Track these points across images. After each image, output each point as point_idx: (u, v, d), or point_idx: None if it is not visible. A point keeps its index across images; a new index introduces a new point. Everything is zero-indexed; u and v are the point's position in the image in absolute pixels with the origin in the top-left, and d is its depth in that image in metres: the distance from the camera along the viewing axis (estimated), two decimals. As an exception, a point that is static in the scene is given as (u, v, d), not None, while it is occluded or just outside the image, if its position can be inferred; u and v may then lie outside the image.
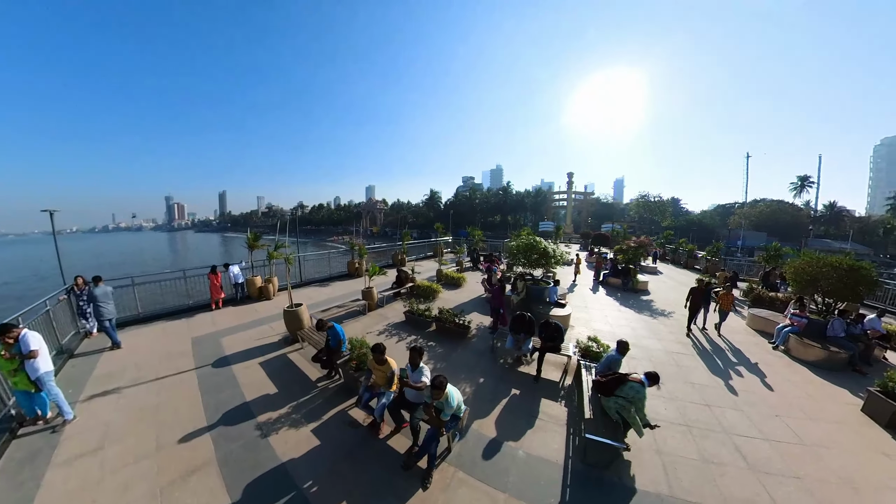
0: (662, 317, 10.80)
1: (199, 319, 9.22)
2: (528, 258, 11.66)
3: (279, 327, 8.53)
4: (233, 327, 8.65)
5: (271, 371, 6.54)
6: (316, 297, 11.55)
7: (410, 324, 9.04)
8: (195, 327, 8.63)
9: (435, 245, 23.09)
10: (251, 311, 9.95)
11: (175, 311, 9.61)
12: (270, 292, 11.10)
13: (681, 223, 62.14)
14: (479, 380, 6.33)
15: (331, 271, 14.69)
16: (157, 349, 7.30)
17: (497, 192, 75.97)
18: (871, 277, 8.41)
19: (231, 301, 10.64)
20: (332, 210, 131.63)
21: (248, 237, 11.25)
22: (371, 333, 8.47)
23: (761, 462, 4.50)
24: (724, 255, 24.68)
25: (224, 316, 9.53)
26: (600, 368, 5.48)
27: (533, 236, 12.84)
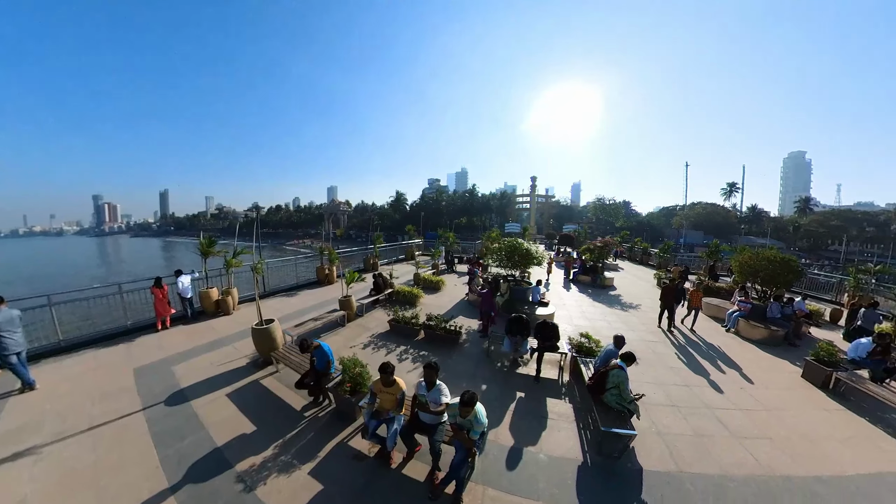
0: (632, 309, 11.55)
1: (143, 344, 7.69)
2: (511, 259, 11.63)
3: (245, 347, 7.38)
4: (187, 351, 7.27)
5: (244, 403, 5.45)
6: (284, 308, 10.31)
7: (396, 333, 8.35)
8: (138, 354, 7.14)
9: (407, 248, 22.33)
10: (208, 330, 8.54)
11: (110, 334, 7.94)
12: (230, 306, 9.70)
13: (632, 224, 66.63)
14: (482, 387, 6.07)
15: (298, 279, 13.36)
16: (87, 387, 5.83)
17: (463, 194, 76.37)
18: (798, 268, 10.20)
19: (181, 319, 9.09)
20: (291, 212, 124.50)
21: (200, 242, 9.70)
22: (354, 347, 7.68)
23: (740, 429, 5.16)
24: (673, 252, 27.26)
25: (174, 337, 8.05)
26: (599, 363, 5.69)
27: (514, 238, 12.95)
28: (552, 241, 43.48)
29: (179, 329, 8.58)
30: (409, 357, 7.21)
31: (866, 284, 12.09)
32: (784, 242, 62.84)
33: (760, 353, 8.16)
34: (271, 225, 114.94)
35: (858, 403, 5.88)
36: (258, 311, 6.83)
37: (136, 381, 6.02)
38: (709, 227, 67.17)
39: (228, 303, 9.63)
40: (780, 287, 10.31)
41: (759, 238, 59.12)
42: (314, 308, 10.45)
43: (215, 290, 9.63)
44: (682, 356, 7.82)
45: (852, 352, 6.76)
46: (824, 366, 6.46)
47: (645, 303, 12.33)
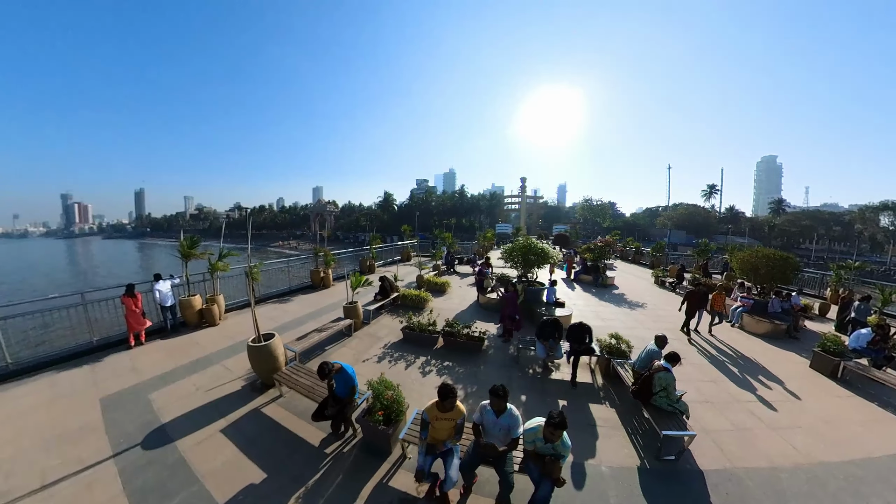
0: (640, 308, 11.41)
1: (112, 365, 6.45)
2: (526, 259, 11.12)
3: (238, 366, 6.31)
4: (166, 374, 6.10)
5: (245, 441, 4.41)
6: (280, 317, 9.21)
7: (411, 342, 7.54)
8: (105, 379, 5.92)
9: (403, 248, 21.36)
10: (191, 346, 7.35)
11: (70, 354, 6.66)
12: (215, 316, 8.50)
13: (619, 224, 67.53)
14: (522, 397, 5.62)
15: (290, 283, 12.19)
16: (40, 427, 4.63)
17: (453, 194, 75.57)
18: (797, 265, 10.66)
19: (159, 332, 7.86)
20: (275, 212, 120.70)
21: (181, 243, 8.44)
22: (368, 361, 6.78)
23: (772, 420, 5.21)
24: (665, 251, 27.80)
25: (150, 356, 6.84)
26: (640, 364, 5.47)
27: (528, 237, 12.60)
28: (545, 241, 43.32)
29: (156, 345, 7.36)
30: (433, 369, 6.44)
31: (847, 280, 12.72)
32: (760, 241, 65.17)
33: (767, 346, 8.27)
34: (255, 226, 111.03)
35: (865, 390, 6.14)
36: (255, 324, 5.72)
37: (103, 416, 4.85)
38: (691, 227, 68.85)
39: (214, 312, 8.45)
40: (781, 283, 10.71)
41: (737, 237, 61.03)
42: (313, 316, 9.39)
43: (198, 298, 8.42)
44: (700, 353, 7.77)
45: (853, 342, 7.05)
46: (832, 356, 6.71)
47: (650, 301, 12.28)
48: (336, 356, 7.04)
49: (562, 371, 6.43)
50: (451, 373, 6.29)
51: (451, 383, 3.55)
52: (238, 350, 7.03)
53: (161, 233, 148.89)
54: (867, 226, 61.59)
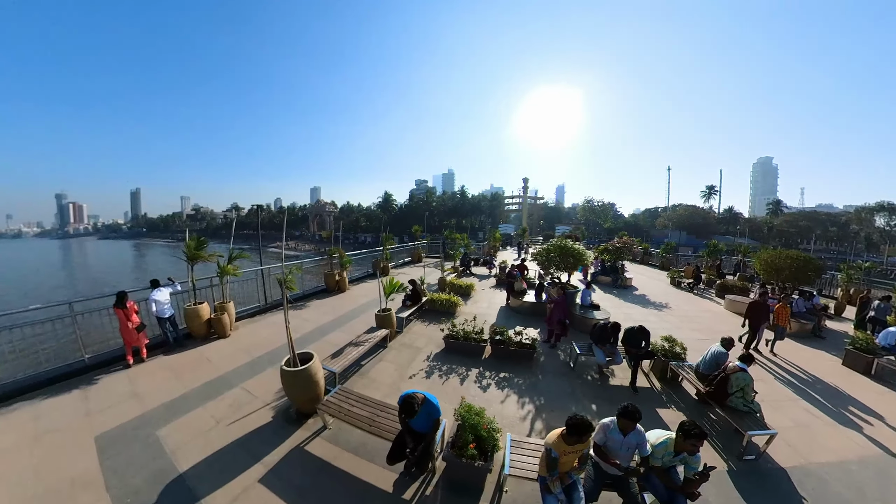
0: (666, 309, 11.19)
1: (108, 390, 5.38)
2: (564, 262, 10.71)
3: (262, 388, 5.36)
4: (175, 401, 5.05)
5: (296, 494, 3.44)
6: (298, 326, 8.18)
7: (455, 352, 6.82)
8: (101, 408, 4.87)
9: (413, 249, 20.40)
10: (200, 363, 6.31)
11: (58, 376, 5.58)
12: (226, 326, 7.46)
13: (620, 225, 67.02)
14: (592, 406, 5.30)
15: (304, 287, 11.16)
16: (17, 477, 3.60)
17: (454, 195, 74.62)
18: (819, 266, 10.80)
19: (162, 345, 6.82)
20: (273, 213, 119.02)
21: (186, 244, 7.37)
22: (415, 377, 5.94)
23: (826, 415, 5.25)
24: (676, 253, 27.44)
25: (153, 376, 5.79)
26: (706, 367, 5.34)
27: (562, 238, 12.11)
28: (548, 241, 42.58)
29: (159, 363, 6.31)
30: (490, 382, 5.80)
31: (858, 280, 12.96)
32: (759, 242, 65.06)
33: (797, 345, 8.21)
34: (252, 226, 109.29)
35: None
36: (290, 345, 4.69)
37: (101, 463, 3.82)
38: (690, 227, 68.58)
39: (224, 322, 7.40)
40: (803, 284, 10.93)
41: (737, 238, 60.82)
42: (335, 325, 8.41)
43: (206, 307, 7.37)
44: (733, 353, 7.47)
45: (884, 339, 7.15)
46: (865, 353, 6.84)
47: (673, 302, 12.11)
48: (377, 373, 6.13)
49: (618, 377, 6.18)
50: (511, 385, 5.71)
51: (583, 416, 3.01)
52: (258, 368, 6.04)
53: (157, 233, 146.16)
54: (863, 226, 61.81)
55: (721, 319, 10.25)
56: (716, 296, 13.11)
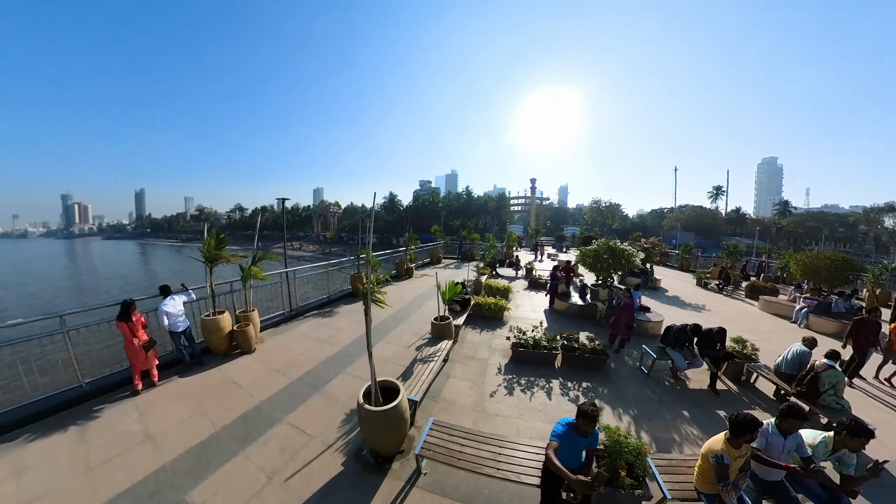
0: (705, 311, 10.81)
1: (113, 425, 4.19)
2: (616, 263, 10.01)
3: (314, 423, 4.21)
4: (203, 446, 3.83)
5: None
6: (334, 337, 7.01)
7: (523, 361, 6.16)
8: (106, 460, 3.65)
9: (432, 250, 19.23)
10: (226, 388, 5.09)
11: (49, 408, 4.38)
12: (251, 339, 6.24)
13: (627, 225, 65.79)
14: (684, 413, 4.90)
15: (329, 292, 9.93)
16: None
17: (460, 195, 73.35)
18: (857, 266, 11.02)
19: (174, 364, 5.60)
20: (277, 213, 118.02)
21: (205, 242, 6.09)
22: (497, 394, 5.08)
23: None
24: (698, 254, 26.80)
25: (169, 408, 4.57)
26: (789, 367, 5.20)
27: (609, 239, 11.10)
28: (562, 242, 41.45)
29: (175, 387, 5.09)
30: (577, 393, 5.24)
31: (884, 280, 12.88)
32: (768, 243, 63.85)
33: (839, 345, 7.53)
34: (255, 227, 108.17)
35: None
36: (373, 377, 3.56)
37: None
38: (698, 228, 67.40)
39: (249, 334, 6.17)
40: (841, 284, 10.83)
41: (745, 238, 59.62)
42: (375, 334, 7.09)
43: (227, 316, 6.13)
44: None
45: None
46: None
47: (708, 303, 11.81)
48: (451, 393, 5.10)
49: (692, 380, 5.89)
50: (598, 395, 5.27)
51: (746, 413, 2.76)
52: (301, 395, 4.88)
53: (161, 233, 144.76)
54: (872, 227, 60.61)
55: (761, 320, 10.09)
56: (746, 297, 12.93)
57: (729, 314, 10.39)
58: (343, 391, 5.06)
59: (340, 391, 5.07)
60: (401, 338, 7.13)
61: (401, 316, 8.58)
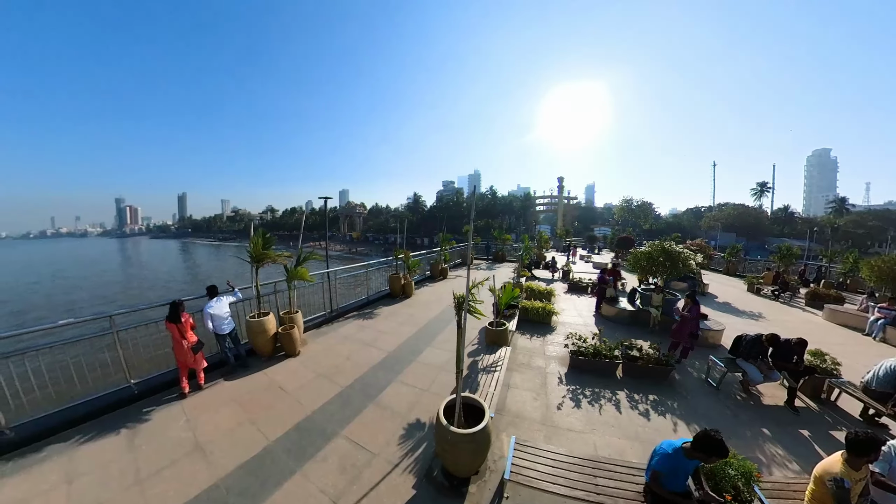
0: (762, 319, 9.81)
1: (161, 430, 3.94)
2: (674, 267, 9.14)
3: (376, 437, 3.79)
4: (256, 461, 3.48)
5: None
6: (380, 340, 6.61)
7: (583, 371, 5.66)
8: (155, 472, 3.37)
9: (463, 251, 18.63)
10: (273, 393, 4.75)
11: (98, 409, 4.20)
12: (296, 342, 5.91)
13: (661, 225, 62.26)
14: (764, 431, 4.35)
15: (368, 292, 9.58)
16: None
17: (484, 195, 72.41)
18: None
19: (219, 366, 5.35)
20: (306, 214, 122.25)
21: (252, 241, 5.79)
22: (564, 407, 4.72)
23: None
24: (745, 256, 24.51)
25: (216, 415, 4.27)
26: (881, 384, 4.63)
27: (663, 240, 10.22)
28: (593, 243, 39.64)
29: (220, 391, 4.81)
30: (647, 407, 4.74)
31: None
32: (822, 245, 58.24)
33: None
34: (286, 227, 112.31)
35: None
36: (458, 389, 3.25)
37: None
38: (740, 228, 62.65)
39: (294, 337, 5.84)
40: None
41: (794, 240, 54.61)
42: (421, 338, 6.78)
43: (272, 318, 5.84)
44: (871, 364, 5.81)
45: None
46: None
47: (763, 311, 10.63)
48: (515, 405, 4.68)
49: (765, 394, 5.36)
50: (669, 410, 4.74)
51: (867, 430, 2.45)
52: (355, 405, 4.46)
53: (201, 233, 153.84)
54: (949, 228, 53.77)
55: (828, 332, 9.01)
56: (806, 305, 11.74)
57: (791, 324, 9.43)
58: (398, 402, 4.60)
59: (395, 401, 4.60)
60: (450, 342, 6.59)
61: (443, 319, 8.07)
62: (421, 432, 4.01)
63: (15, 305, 28.04)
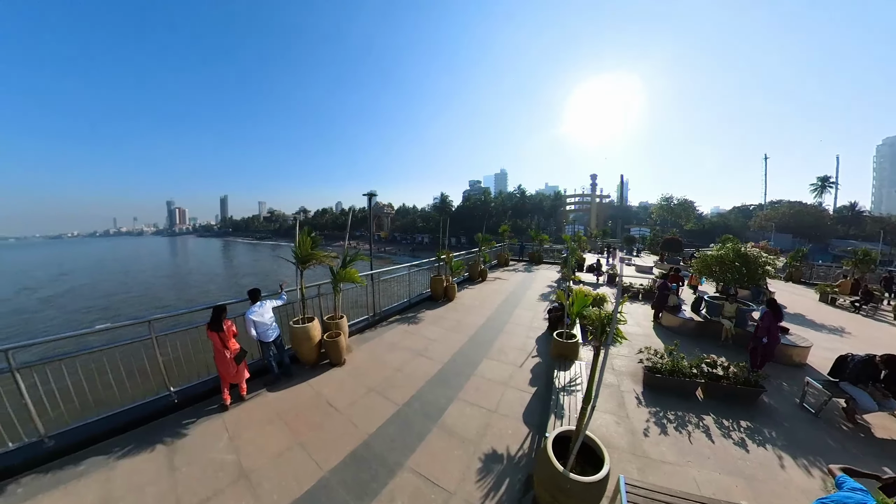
0: (846, 335, 8.30)
1: (201, 454, 3.45)
2: (751, 273, 8.10)
3: (447, 471, 3.11)
4: (310, 495, 2.90)
5: None
6: (430, 350, 5.92)
7: (658, 390, 4.89)
8: (196, 498, 2.89)
9: (499, 252, 17.74)
10: (321, 410, 4.18)
11: (137, 419, 3.84)
12: (342, 350, 5.34)
13: (705, 226, 57.68)
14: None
15: (410, 295, 8.96)
16: None
17: (512, 195, 70.64)
18: None
19: (261, 373, 4.87)
20: (336, 214, 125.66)
21: (298, 243, 5.19)
22: (650, 433, 4.00)
23: None
24: (816, 261, 21.67)
25: (260, 434, 3.75)
26: None
27: (736, 242, 9.11)
28: (632, 244, 37.24)
29: (264, 405, 4.30)
30: (743, 436, 3.99)
31: None
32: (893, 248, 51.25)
33: None
34: (318, 227, 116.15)
35: None
36: (585, 425, 2.76)
37: None
38: (797, 229, 56.66)
39: (340, 346, 5.28)
40: None
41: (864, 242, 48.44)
42: (475, 349, 6.04)
43: (317, 325, 5.30)
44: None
45: None
46: None
47: (845, 325, 8.97)
48: (595, 427, 3.74)
49: (874, 424, 4.42)
50: (764, 437, 4.00)
51: None
52: (417, 429, 3.82)
53: (240, 232, 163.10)
54: None
55: None
56: (895, 319, 10.00)
57: (884, 341, 8.06)
58: (465, 425, 3.90)
59: (462, 425, 3.90)
60: (506, 354, 5.82)
61: (494, 326, 7.29)
62: (499, 465, 3.30)
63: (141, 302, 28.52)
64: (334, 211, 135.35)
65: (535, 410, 4.30)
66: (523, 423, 4.04)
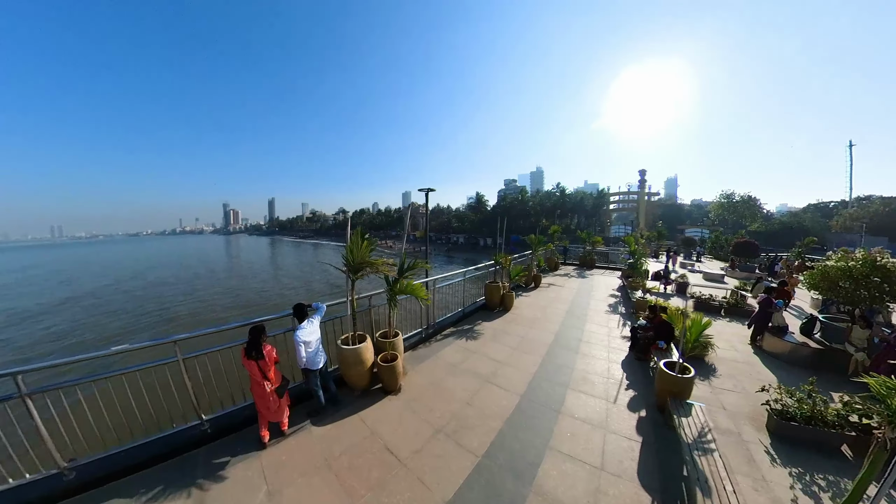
0: None
1: (233, 499, 2.66)
2: (893, 290, 6.12)
3: None
4: None
5: None
6: (503, 377, 4.81)
7: (789, 440, 3.66)
8: None
9: (549, 255, 16.19)
10: (377, 459, 3.24)
11: (164, 453, 3.19)
12: (398, 375, 4.41)
13: (774, 227, 50.86)
14: None
15: (464, 304, 7.92)
16: None
17: (551, 193, 67.41)
18: None
19: (303, 400, 4.08)
20: (373, 215, 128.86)
21: (350, 244, 4.28)
22: None
23: None
24: None
25: (306, 489, 2.88)
26: None
27: (865, 253, 6.95)
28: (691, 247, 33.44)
29: (308, 443, 3.47)
30: None
31: None
32: None
33: None
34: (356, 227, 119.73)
35: None
36: None
37: None
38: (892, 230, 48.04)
39: (396, 371, 4.36)
40: None
41: None
42: (551, 373, 4.87)
43: (369, 346, 4.41)
44: None
45: None
46: None
47: None
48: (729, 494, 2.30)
49: None
50: None
51: None
52: (506, 490, 2.88)
53: (285, 232, 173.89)
54: None
55: None
56: None
57: None
58: (569, 492, 2.80)
59: (564, 491, 2.82)
60: (592, 384, 4.58)
61: (565, 345, 6.04)
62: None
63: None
64: (371, 211, 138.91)
65: (651, 469, 3.10)
66: (642, 489, 2.88)
